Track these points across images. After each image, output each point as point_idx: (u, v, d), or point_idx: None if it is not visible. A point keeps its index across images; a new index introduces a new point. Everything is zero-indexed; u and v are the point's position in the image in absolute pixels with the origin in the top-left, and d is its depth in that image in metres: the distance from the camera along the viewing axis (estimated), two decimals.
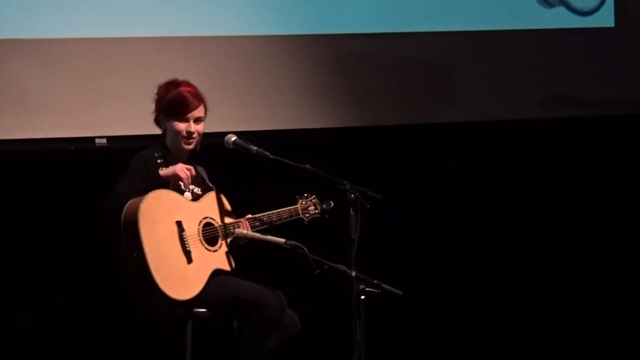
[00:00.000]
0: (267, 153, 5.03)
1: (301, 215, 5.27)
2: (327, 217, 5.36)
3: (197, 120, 5.11)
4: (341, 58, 6.32)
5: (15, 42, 5.80)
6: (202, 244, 5.00)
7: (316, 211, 5.30)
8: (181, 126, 5.07)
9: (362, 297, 4.74)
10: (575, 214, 6.93)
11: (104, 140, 5.87)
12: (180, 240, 4.95)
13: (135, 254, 4.86)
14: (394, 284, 5.00)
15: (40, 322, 6.26)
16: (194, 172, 5.16)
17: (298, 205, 5.26)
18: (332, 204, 5.30)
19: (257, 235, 5.03)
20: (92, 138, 5.86)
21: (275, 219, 5.23)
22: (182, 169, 5.05)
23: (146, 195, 4.89)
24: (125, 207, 4.94)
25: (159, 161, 5.03)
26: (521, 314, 7.21)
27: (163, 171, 5.05)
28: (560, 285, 7.10)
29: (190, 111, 5.08)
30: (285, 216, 5.24)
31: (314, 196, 5.31)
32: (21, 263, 6.14)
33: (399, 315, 6.26)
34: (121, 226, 4.96)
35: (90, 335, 6.19)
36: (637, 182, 7.01)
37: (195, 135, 5.10)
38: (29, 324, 6.23)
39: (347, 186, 4.87)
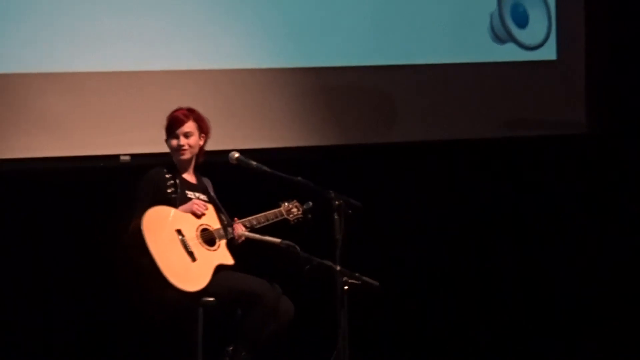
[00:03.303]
0: (265, 167, 5.48)
1: (286, 216, 5.66)
2: (310, 216, 5.77)
3: (186, 134, 5.50)
4: (324, 87, 6.74)
5: (49, 75, 6.26)
6: (202, 245, 5.39)
7: (299, 212, 5.70)
8: (173, 142, 5.52)
9: (346, 287, 5.20)
10: (518, 223, 7.17)
11: (128, 157, 6.30)
12: (182, 244, 5.35)
13: (145, 261, 5.25)
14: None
15: (75, 321, 6.58)
16: (205, 205, 5.54)
17: (282, 208, 5.63)
18: (311, 204, 5.74)
19: (257, 235, 5.47)
20: (117, 155, 6.31)
21: (262, 220, 5.61)
22: (197, 208, 5.51)
23: (146, 211, 5.32)
24: (130, 224, 5.37)
25: (167, 176, 5.48)
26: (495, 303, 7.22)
27: (182, 207, 5.49)
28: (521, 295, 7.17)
29: (178, 127, 5.51)
30: (271, 217, 5.63)
31: (295, 200, 5.71)
32: (51, 271, 6.53)
33: (381, 306, 6.42)
34: (130, 239, 5.38)
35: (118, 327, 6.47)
36: (574, 192, 7.29)
37: (185, 147, 5.52)
38: (62, 324, 6.54)
39: (332, 195, 5.32)
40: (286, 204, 5.65)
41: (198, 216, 5.48)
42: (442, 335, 7.13)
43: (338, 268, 5.22)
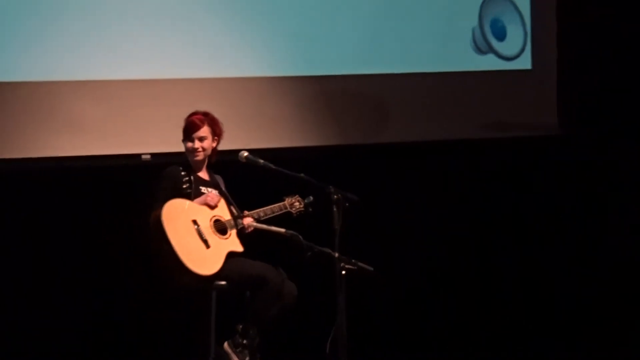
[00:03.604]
0: (271, 165, 5.67)
1: (289, 209, 5.83)
2: (310, 209, 5.93)
3: (201, 138, 5.70)
4: (324, 93, 6.95)
5: (79, 82, 6.50)
6: (215, 234, 5.56)
7: (300, 205, 5.86)
8: (189, 144, 5.72)
9: (343, 272, 5.43)
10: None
11: (149, 156, 6.52)
12: (197, 232, 5.53)
13: (165, 248, 5.43)
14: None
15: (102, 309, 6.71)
16: (218, 197, 5.72)
17: (285, 202, 5.81)
18: (312, 198, 5.90)
19: (264, 226, 5.68)
20: (139, 154, 6.54)
21: (268, 212, 5.79)
22: (210, 199, 5.70)
23: (165, 204, 5.50)
24: (151, 215, 5.53)
25: (182, 173, 5.67)
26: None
27: (196, 200, 5.67)
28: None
29: (194, 132, 5.71)
30: (276, 210, 5.80)
31: (297, 195, 5.88)
32: (84, 257, 6.71)
33: (377, 294, 6.60)
34: (151, 229, 5.53)
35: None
36: (548, 189, 7.47)
37: (199, 150, 5.72)
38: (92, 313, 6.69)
39: (331, 190, 5.52)
40: (289, 198, 5.85)
41: (211, 207, 5.62)
42: (439, 328, 7.16)
43: (336, 255, 5.45)
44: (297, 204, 5.85)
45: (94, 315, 6.72)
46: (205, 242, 5.49)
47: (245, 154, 5.70)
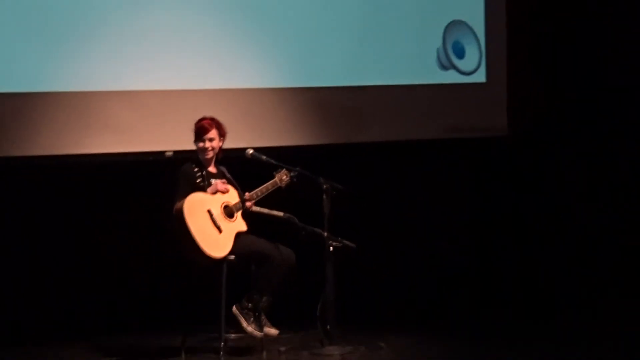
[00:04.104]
0: (272, 160, 6.05)
1: (279, 184, 6.02)
2: (295, 180, 6.08)
3: (210, 139, 5.93)
4: (315, 101, 7.23)
5: (116, 92, 6.75)
6: (225, 219, 5.86)
7: (287, 178, 6.05)
8: (200, 145, 5.97)
9: (331, 248, 5.99)
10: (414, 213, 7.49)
11: (171, 153, 6.70)
12: (212, 221, 5.83)
13: (187, 236, 5.75)
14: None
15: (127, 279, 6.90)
16: (226, 184, 5.93)
17: (276, 178, 6.03)
18: (298, 169, 6.07)
19: (265, 210, 6.02)
20: (163, 152, 6.75)
21: (264, 190, 6.00)
22: (221, 186, 5.90)
23: (185, 200, 5.75)
24: (174, 208, 5.80)
25: (195, 169, 5.93)
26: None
27: (210, 189, 5.87)
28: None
29: (204, 134, 5.94)
30: (270, 187, 6.00)
31: (284, 169, 6.07)
32: (118, 241, 6.90)
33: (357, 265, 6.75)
34: (175, 219, 5.80)
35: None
36: (498, 180, 7.75)
37: (209, 149, 5.93)
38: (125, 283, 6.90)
39: (321, 180, 5.98)
40: (278, 174, 6.05)
41: (222, 193, 5.90)
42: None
43: (325, 234, 5.98)
44: (284, 177, 6.03)
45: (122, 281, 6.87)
46: (218, 227, 5.81)
47: (251, 151, 6.09)
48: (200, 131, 5.95)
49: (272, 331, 5.96)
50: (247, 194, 5.92)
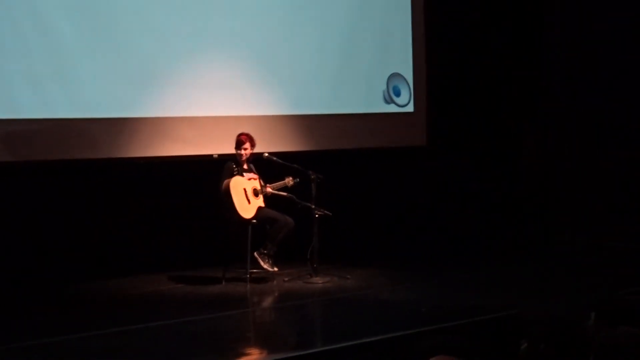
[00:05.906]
0: (280, 160, 8.04)
1: (287, 184, 7.99)
2: (296, 183, 7.74)
3: (245, 148, 7.85)
4: (304, 124, 9.16)
5: (181, 117, 8.40)
6: (253, 196, 7.83)
7: (292, 182, 8.04)
8: (238, 152, 7.87)
9: (317, 215, 7.97)
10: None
11: (217, 155, 8.43)
12: (245, 195, 7.77)
13: (231, 204, 7.62)
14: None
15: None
16: (252, 174, 7.64)
17: (285, 180, 7.99)
18: (298, 179, 7.95)
19: (277, 191, 8.05)
20: (211, 155, 8.51)
21: (277, 186, 7.92)
22: (250, 177, 7.61)
23: (231, 179, 7.60)
24: (222, 187, 7.55)
25: (233, 166, 7.82)
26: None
27: (245, 176, 7.58)
28: None
29: (242, 144, 7.89)
30: (281, 185, 7.95)
31: (291, 177, 8.02)
32: (165, 228, 8.50)
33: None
34: (223, 195, 7.52)
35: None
36: (419, 186, 9.61)
37: (244, 154, 7.87)
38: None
39: (310, 173, 7.98)
40: (287, 178, 8.06)
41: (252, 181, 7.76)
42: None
43: (313, 207, 8.07)
44: (290, 181, 8.07)
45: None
46: (248, 200, 7.88)
47: (266, 154, 8.17)
48: (239, 142, 7.96)
49: (274, 269, 7.98)
50: (268, 186, 7.92)
